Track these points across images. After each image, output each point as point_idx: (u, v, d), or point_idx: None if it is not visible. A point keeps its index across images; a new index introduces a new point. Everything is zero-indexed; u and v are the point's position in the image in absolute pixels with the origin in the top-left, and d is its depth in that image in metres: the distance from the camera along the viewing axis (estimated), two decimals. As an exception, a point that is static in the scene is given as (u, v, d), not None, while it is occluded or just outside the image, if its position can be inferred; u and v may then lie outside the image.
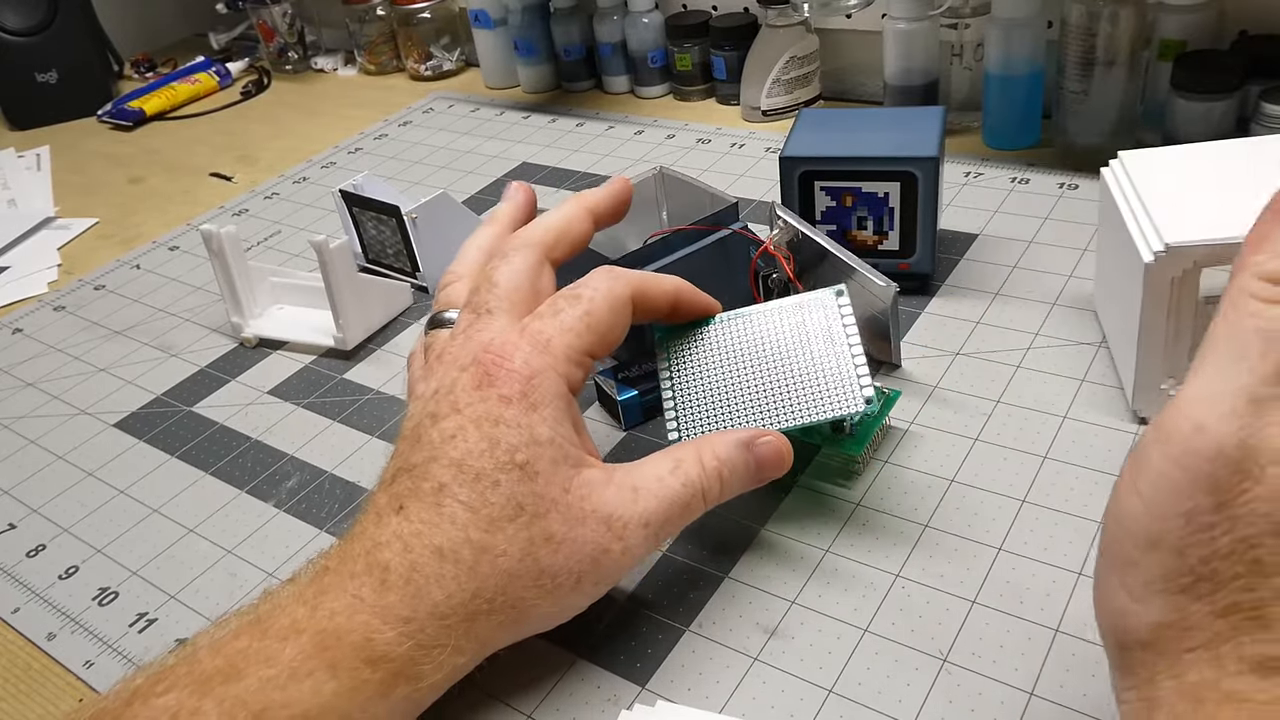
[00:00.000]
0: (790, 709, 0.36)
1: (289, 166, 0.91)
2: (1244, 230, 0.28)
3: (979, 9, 0.72)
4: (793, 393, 0.40)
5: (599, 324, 0.38)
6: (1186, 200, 0.44)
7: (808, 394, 0.40)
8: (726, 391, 0.41)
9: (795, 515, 0.44)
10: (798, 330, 0.42)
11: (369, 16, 1.08)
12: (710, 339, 0.43)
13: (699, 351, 0.43)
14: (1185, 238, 0.41)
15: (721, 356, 0.42)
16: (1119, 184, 0.47)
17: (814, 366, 0.41)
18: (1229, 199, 0.42)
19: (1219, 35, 0.66)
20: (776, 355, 0.41)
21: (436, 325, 0.41)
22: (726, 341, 0.42)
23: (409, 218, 0.63)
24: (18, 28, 1.07)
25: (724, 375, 0.42)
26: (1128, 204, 0.45)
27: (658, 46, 0.90)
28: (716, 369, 0.42)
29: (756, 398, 0.41)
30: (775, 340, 0.42)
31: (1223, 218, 0.41)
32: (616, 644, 0.39)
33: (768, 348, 0.42)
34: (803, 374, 0.41)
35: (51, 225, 0.88)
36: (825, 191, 0.55)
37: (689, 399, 0.42)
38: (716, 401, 0.41)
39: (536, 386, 0.35)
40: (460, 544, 0.33)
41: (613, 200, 0.45)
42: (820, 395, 0.40)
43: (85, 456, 0.56)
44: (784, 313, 0.42)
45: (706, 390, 0.42)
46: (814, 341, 0.41)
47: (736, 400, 0.41)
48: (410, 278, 0.66)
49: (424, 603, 0.33)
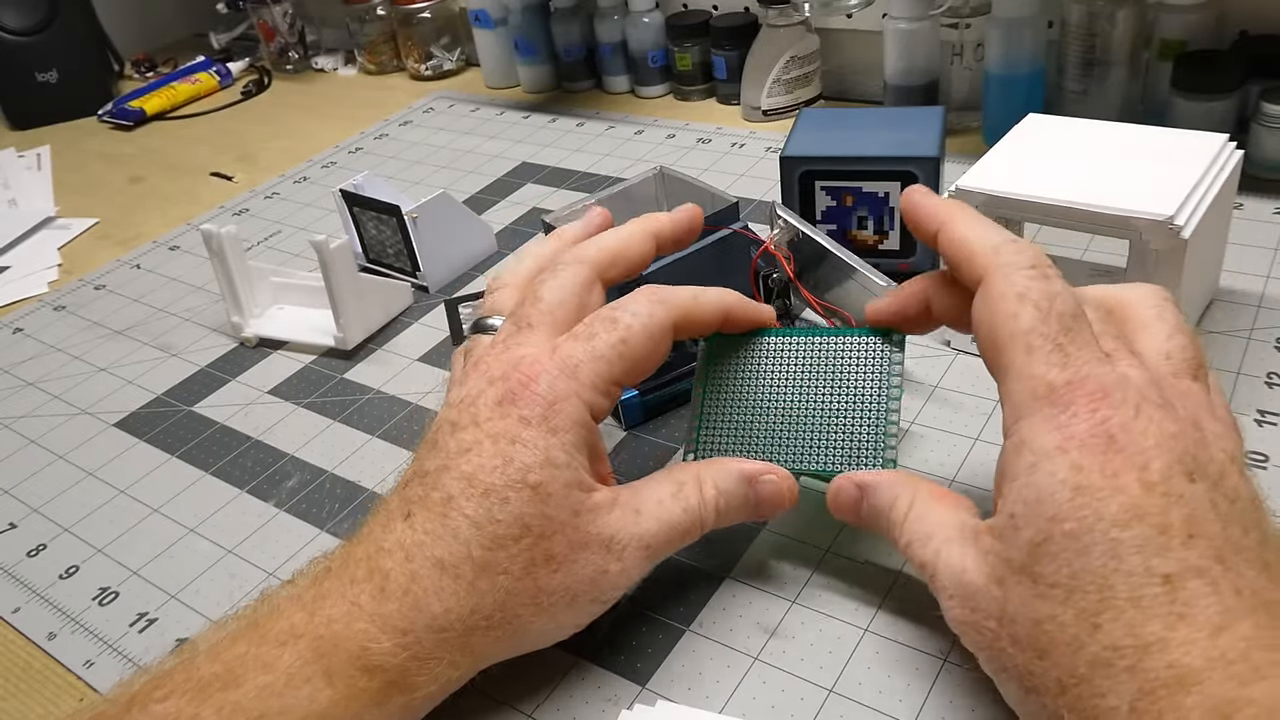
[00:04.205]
0: (790, 709, 0.36)
1: (289, 166, 0.91)
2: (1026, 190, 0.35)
3: (979, 9, 0.72)
4: (817, 436, 0.39)
5: (633, 353, 0.36)
6: (1019, 160, 0.49)
7: (831, 442, 0.39)
8: (754, 419, 0.40)
9: (795, 515, 0.44)
10: (844, 371, 0.40)
11: (369, 16, 1.08)
12: (755, 360, 0.41)
13: (739, 371, 0.41)
14: (972, 184, 0.47)
15: (760, 381, 0.41)
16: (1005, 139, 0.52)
17: (847, 415, 0.39)
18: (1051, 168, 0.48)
19: (1219, 35, 0.66)
20: (814, 393, 0.40)
21: (479, 330, 0.41)
22: (770, 366, 0.41)
23: (409, 217, 0.63)
24: (18, 28, 1.07)
25: (757, 401, 0.40)
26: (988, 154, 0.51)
27: (658, 46, 0.90)
28: (751, 393, 0.41)
29: (780, 433, 0.40)
30: (818, 377, 0.40)
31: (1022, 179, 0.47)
32: (616, 644, 0.39)
33: (807, 384, 0.40)
34: (832, 420, 0.39)
35: (52, 225, 0.88)
36: (825, 191, 0.55)
37: (715, 419, 0.41)
38: (741, 427, 0.40)
39: (558, 412, 0.35)
40: (462, 559, 0.33)
41: (680, 228, 0.42)
42: (842, 447, 0.39)
43: (85, 456, 0.56)
44: (839, 348, 0.40)
45: (735, 413, 0.41)
46: (855, 388, 0.39)
47: (761, 431, 0.40)
48: (410, 277, 0.66)
49: (422, 615, 0.33)
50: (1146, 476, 0.27)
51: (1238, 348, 0.49)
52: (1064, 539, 0.28)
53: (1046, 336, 0.30)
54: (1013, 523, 0.29)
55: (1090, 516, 0.27)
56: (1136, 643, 0.26)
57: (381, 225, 0.66)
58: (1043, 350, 0.30)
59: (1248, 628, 0.26)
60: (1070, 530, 0.27)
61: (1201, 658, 0.25)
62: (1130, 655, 0.26)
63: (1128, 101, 0.68)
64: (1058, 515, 0.28)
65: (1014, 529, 0.29)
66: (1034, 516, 0.28)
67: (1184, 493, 0.27)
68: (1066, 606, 0.27)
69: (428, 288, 0.66)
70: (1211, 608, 0.26)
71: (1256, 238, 0.57)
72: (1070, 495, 0.28)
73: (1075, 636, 0.27)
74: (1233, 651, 0.25)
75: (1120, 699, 0.26)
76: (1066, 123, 0.52)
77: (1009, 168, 0.48)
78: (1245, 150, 0.49)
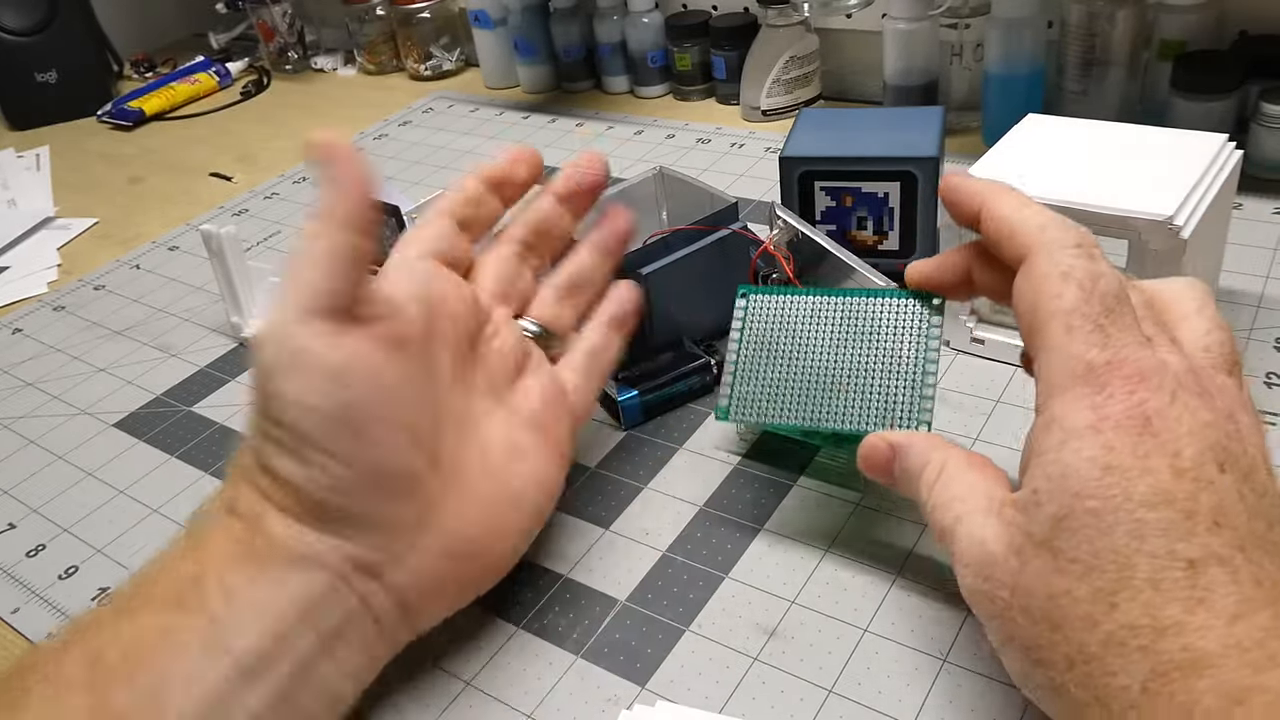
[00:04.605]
0: (790, 709, 0.36)
1: (289, 166, 0.91)
2: (1025, 190, 0.35)
3: (979, 9, 0.72)
4: (853, 396, 0.39)
5: None
6: (1018, 160, 0.49)
7: (867, 402, 0.39)
8: (789, 378, 0.40)
9: (795, 515, 0.44)
10: (883, 332, 0.39)
11: (369, 16, 1.08)
12: (789, 315, 0.41)
13: (776, 329, 0.41)
14: None
15: (797, 340, 0.41)
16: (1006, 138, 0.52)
17: (883, 376, 0.39)
18: (1050, 168, 0.48)
19: (1219, 35, 0.66)
20: (851, 354, 0.40)
21: None
22: (807, 325, 0.41)
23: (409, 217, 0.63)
24: (18, 28, 1.07)
25: (792, 360, 0.40)
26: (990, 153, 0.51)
27: (658, 46, 0.90)
28: (787, 352, 0.40)
29: (815, 393, 0.39)
30: (856, 337, 0.40)
31: (1021, 180, 0.46)
32: (616, 644, 0.39)
33: (845, 344, 0.40)
34: (869, 381, 0.39)
35: (51, 225, 0.88)
36: (825, 191, 0.55)
37: (750, 377, 0.41)
38: (776, 386, 0.40)
39: None
40: None
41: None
42: (878, 408, 0.38)
43: (85, 456, 0.56)
44: (878, 309, 0.40)
45: (770, 372, 0.40)
46: (893, 350, 0.39)
47: (796, 390, 0.40)
48: (410, 278, 0.66)
49: None
50: (1178, 462, 0.27)
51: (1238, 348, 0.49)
52: (1087, 516, 0.28)
53: (1088, 316, 0.30)
54: (1036, 497, 0.29)
55: (1118, 496, 0.27)
56: (1153, 624, 0.26)
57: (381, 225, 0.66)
58: (1083, 330, 0.30)
59: (1266, 618, 0.26)
60: (1094, 508, 0.28)
61: (1217, 643, 0.25)
62: (1145, 635, 0.26)
63: (1127, 101, 0.68)
64: (1083, 492, 0.28)
65: (1037, 503, 0.29)
66: (1059, 492, 0.28)
67: (1214, 481, 0.27)
68: (1084, 583, 0.27)
69: (427, 288, 0.66)
70: (1231, 596, 0.26)
71: (1256, 238, 0.57)
72: (1099, 474, 0.28)
73: (1090, 613, 0.27)
74: (1249, 640, 0.25)
75: (1132, 678, 0.26)
76: (1066, 123, 0.52)
77: (1008, 168, 0.48)
78: (1245, 150, 0.49)
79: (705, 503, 0.45)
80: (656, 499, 0.46)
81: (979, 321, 0.51)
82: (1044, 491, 0.29)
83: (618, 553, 0.43)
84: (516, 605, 0.41)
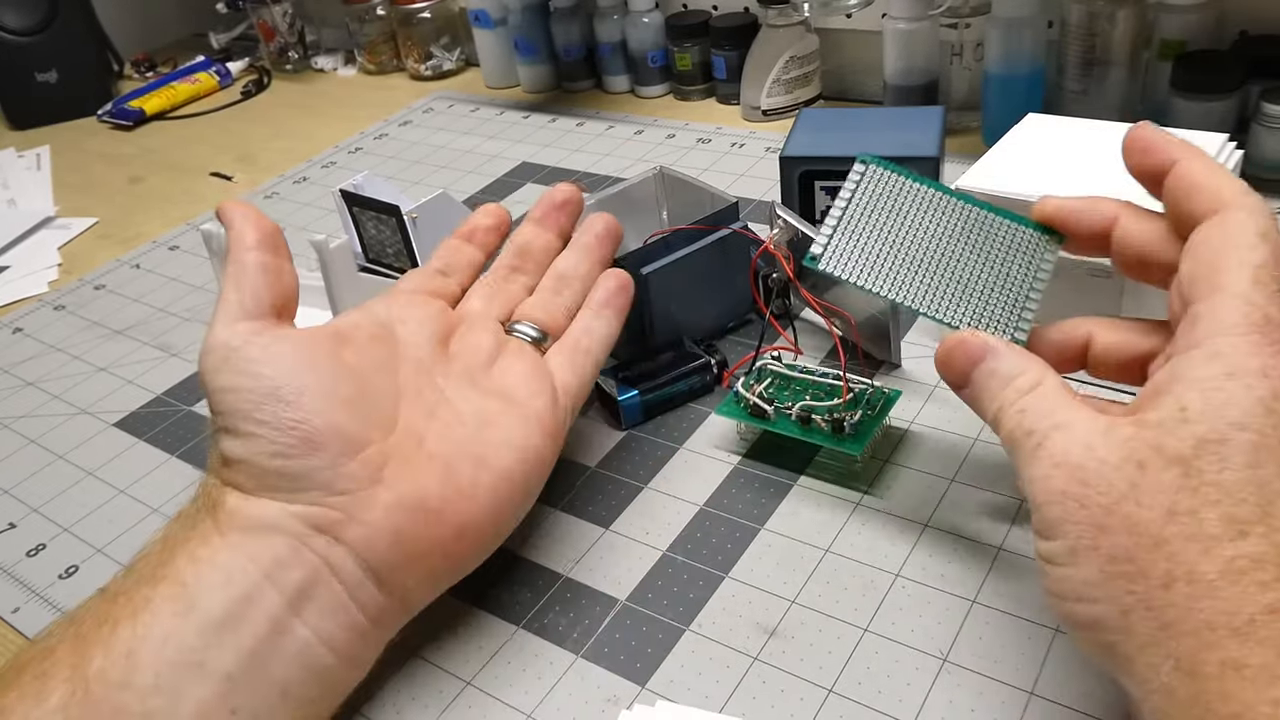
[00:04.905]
0: (790, 709, 0.36)
1: (289, 166, 0.91)
2: (1025, 190, 0.34)
3: (979, 9, 0.72)
4: (953, 290, 0.38)
5: None
6: (1018, 160, 0.49)
7: (966, 299, 0.38)
8: (891, 249, 0.39)
9: (795, 515, 0.44)
10: (998, 246, 0.38)
11: (369, 16, 1.08)
12: (909, 197, 0.40)
13: (890, 201, 0.40)
14: (971, 184, 0.47)
15: (909, 218, 0.39)
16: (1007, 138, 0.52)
17: (989, 285, 0.38)
18: (1051, 168, 0.48)
19: (1219, 35, 0.66)
20: (962, 255, 0.38)
21: None
22: (923, 209, 0.39)
23: (409, 217, 0.63)
24: (18, 28, 1.07)
25: (899, 235, 0.39)
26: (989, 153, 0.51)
27: (658, 46, 0.90)
28: (897, 225, 0.39)
29: (915, 274, 0.38)
30: (971, 242, 0.39)
31: (1022, 179, 0.47)
32: (616, 644, 0.39)
33: (958, 244, 0.39)
34: (973, 284, 0.38)
35: (51, 225, 0.88)
36: (825, 191, 0.55)
37: (852, 233, 0.39)
38: (875, 250, 0.39)
39: None
40: None
41: None
42: (976, 309, 0.37)
43: (85, 456, 0.56)
44: (998, 226, 0.39)
45: (874, 237, 0.39)
46: (1004, 265, 0.38)
47: (896, 265, 0.38)
48: (410, 277, 0.66)
49: None
50: None
51: None
52: (1243, 445, 0.28)
53: (1277, 278, 0.30)
54: (1184, 415, 0.29)
55: (1275, 437, 0.28)
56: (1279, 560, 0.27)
57: (381, 225, 0.66)
58: (1270, 287, 0.30)
59: None
60: (1252, 441, 0.28)
61: None
62: (1270, 570, 0.26)
63: (1128, 101, 0.68)
64: (1244, 423, 0.28)
65: (1183, 421, 0.29)
66: (1215, 417, 0.28)
67: None
68: (1216, 508, 0.27)
69: (428, 288, 0.66)
70: None
71: (1256, 238, 0.57)
72: (1264, 412, 0.28)
73: (1215, 536, 0.27)
74: None
75: (1242, 605, 0.26)
76: (1066, 123, 0.52)
77: (1009, 168, 0.48)
78: (1245, 150, 0.49)
79: (705, 503, 0.45)
80: (656, 499, 0.46)
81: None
82: (1196, 412, 0.29)
83: (618, 553, 0.43)
84: (516, 605, 0.41)
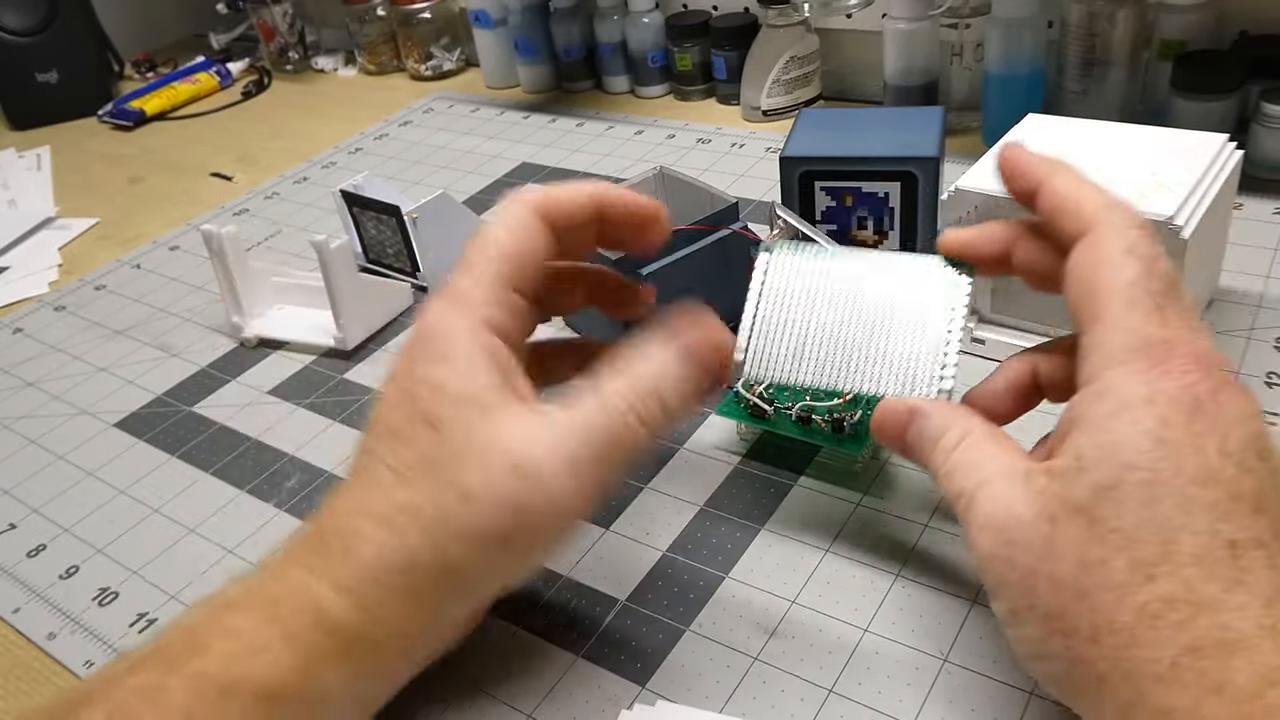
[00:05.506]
0: (790, 709, 0.36)
1: (289, 166, 0.91)
2: None
3: (979, 9, 0.72)
4: (873, 358, 0.38)
5: (503, 252, 0.35)
6: None
7: (888, 365, 0.37)
8: (808, 337, 0.39)
9: (795, 515, 0.44)
10: (908, 294, 0.38)
11: (369, 16, 1.08)
12: (813, 273, 0.39)
13: (796, 283, 0.39)
14: (971, 184, 0.47)
15: (817, 296, 0.39)
16: None
17: (906, 339, 0.38)
18: None
19: (1219, 35, 0.66)
20: (874, 314, 0.38)
21: None
22: (828, 282, 0.39)
23: (409, 218, 0.63)
24: (18, 28, 1.07)
25: (812, 319, 0.39)
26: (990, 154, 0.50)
27: (658, 46, 0.90)
28: (808, 308, 0.39)
29: (834, 353, 0.38)
30: (878, 298, 0.38)
31: None
32: (616, 644, 0.39)
33: (867, 304, 0.38)
34: (891, 343, 0.38)
35: (52, 225, 0.88)
36: (825, 191, 0.55)
37: (767, 332, 0.39)
38: (794, 344, 0.39)
39: (448, 338, 0.34)
40: (384, 504, 0.33)
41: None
42: (898, 372, 0.37)
43: (85, 456, 0.56)
44: (905, 270, 0.39)
45: (788, 329, 0.39)
46: (917, 313, 0.38)
47: (815, 349, 0.38)
48: (410, 278, 0.66)
49: (361, 567, 0.32)
50: (1225, 445, 0.28)
51: (1238, 348, 0.49)
52: (1136, 486, 0.28)
53: (1150, 293, 0.30)
54: (1079, 464, 0.29)
55: (1168, 470, 0.27)
56: (1192, 599, 0.26)
57: (381, 225, 0.66)
58: (1144, 306, 0.30)
59: None
60: (1144, 479, 0.28)
61: (1254, 624, 0.26)
62: (1182, 610, 0.26)
63: (1128, 101, 0.68)
64: (1134, 463, 0.28)
65: (1080, 469, 0.29)
66: (1107, 460, 0.28)
67: (1254, 469, 0.28)
68: (1122, 554, 0.27)
69: (428, 288, 0.66)
70: (1267, 580, 0.26)
71: (1256, 238, 0.57)
72: (1151, 446, 0.28)
73: (1125, 583, 0.27)
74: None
75: (1163, 651, 0.26)
76: (1066, 123, 0.52)
77: None
78: (1245, 150, 0.49)
79: (705, 503, 0.45)
80: (656, 499, 0.46)
81: (979, 321, 0.51)
82: (1090, 459, 0.29)
83: (618, 553, 0.43)
84: (517, 606, 0.41)
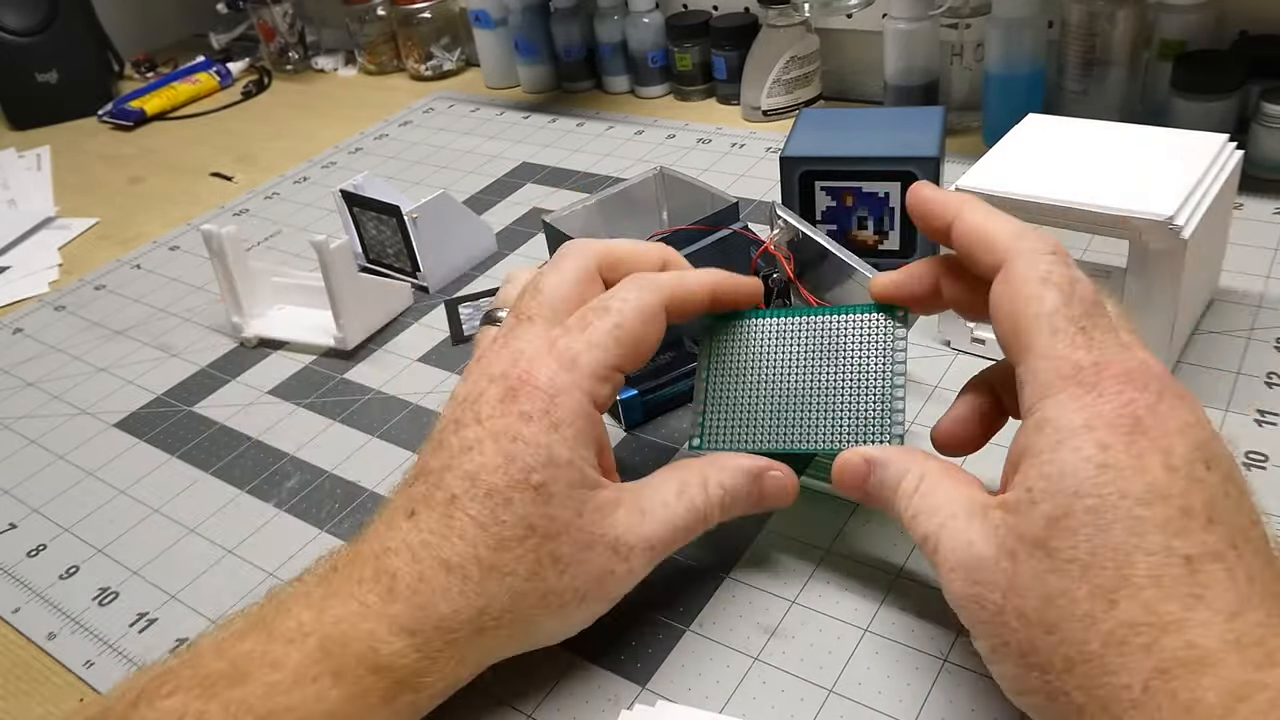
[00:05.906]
0: (790, 709, 0.36)
1: (289, 166, 0.91)
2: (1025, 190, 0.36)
3: (979, 9, 0.72)
4: (823, 416, 0.39)
5: (629, 337, 0.36)
6: (1019, 160, 0.49)
7: (838, 421, 0.38)
8: (758, 403, 0.40)
9: (795, 515, 0.44)
10: (848, 348, 0.39)
11: (369, 16, 1.08)
12: (757, 342, 0.41)
13: (742, 355, 0.41)
14: (972, 184, 0.47)
15: (763, 364, 0.40)
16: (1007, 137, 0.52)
17: (852, 392, 0.39)
18: (1051, 168, 0.48)
19: (1219, 35, 0.66)
20: (818, 372, 0.39)
21: (488, 321, 0.41)
22: (772, 348, 0.40)
23: (409, 217, 0.63)
24: (18, 28, 1.07)
25: (760, 384, 0.40)
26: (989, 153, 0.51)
27: (658, 46, 0.90)
28: (755, 376, 0.40)
29: (785, 415, 0.39)
30: (821, 356, 0.39)
31: (1022, 180, 0.47)
32: (616, 644, 0.39)
33: (811, 363, 0.40)
34: (838, 398, 0.39)
35: (52, 225, 0.88)
36: (825, 191, 0.55)
37: (720, 405, 0.40)
38: (746, 412, 0.40)
39: (560, 406, 0.35)
40: (468, 560, 0.33)
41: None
42: (849, 425, 0.38)
43: (85, 456, 0.56)
44: (842, 326, 0.40)
45: (740, 398, 0.40)
46: (859, 365, 0.39)
47: (766, 414, 0.40)
48: (410, 278, 0.66)
49: (430, 616, 0.33)
50: (1170, 460, 0.28)
51: (1238, 348, 0.49)
52: (1085, 514, 0.28)
53: (1071, 319, 0.30)
54: (1030, 497, 0.29)
55: (1114, 494, 0.27)
56: (1154, 621, 0.26)
57: (381, 225, 0.66)
58: (1068, 332, 0.30)
59: (1261, 615, 0.26)
60: (1092, 506, 0.28)
61: (1218, 640, 0.25)
62: (1147, 633, 0.26)
63: (1128, 101, 0.68)
64: (1080, 491, 0.28)
65: (1031, 503, 0.29)
66: (1055, 491, 0.28)
67: (1203, 479, 0.28)
68: (1082, 582, 0.27)
69: (428, 288, 0.66)
70: (1228, 592, 0.26)
71: (1256, 238, 0.57)
72: (1095, 472, 0.28)
73: (1089, 612, 0.27)
74: (1248, 637, 0.25)
75: (1134, 677, 0.26)
76: (1066, 123, 0.52)
77: (1009, 168, 0.48)
78: (1245, 150, 0.49)
79: (705, 503, 0.45)
80: (657, 499, 0.46)
81: (979, 321, 0.51)
82: (1039, 491, 0.29)
83: (618, 553, 0.43)
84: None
